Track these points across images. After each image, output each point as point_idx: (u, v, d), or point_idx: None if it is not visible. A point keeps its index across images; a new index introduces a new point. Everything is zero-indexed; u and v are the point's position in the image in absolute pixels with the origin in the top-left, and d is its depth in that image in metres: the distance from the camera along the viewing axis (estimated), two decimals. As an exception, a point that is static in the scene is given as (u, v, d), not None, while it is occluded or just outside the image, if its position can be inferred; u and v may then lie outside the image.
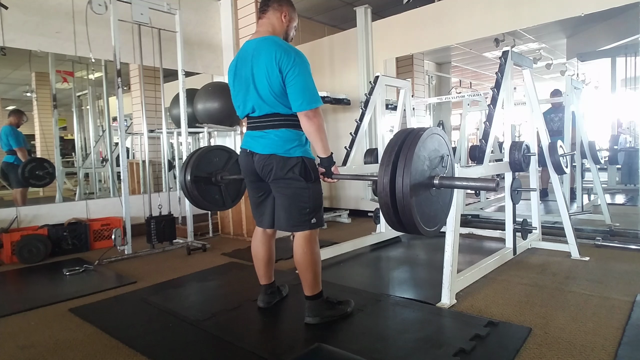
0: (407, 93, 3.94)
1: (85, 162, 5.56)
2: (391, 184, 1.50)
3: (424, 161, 1.58)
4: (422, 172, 1.56)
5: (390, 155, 1.54)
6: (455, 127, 9.46)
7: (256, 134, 1.96)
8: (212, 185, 2.53)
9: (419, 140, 1.53)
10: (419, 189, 1.53)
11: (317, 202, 1.97)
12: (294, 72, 1.80)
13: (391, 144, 1.58)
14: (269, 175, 1.94)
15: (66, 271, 3.03)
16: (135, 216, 4.03)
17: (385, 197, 1.53)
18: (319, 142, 1.88)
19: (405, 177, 1.47)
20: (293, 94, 1.82)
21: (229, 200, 2.62)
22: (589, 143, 4.34)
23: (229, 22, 5.02)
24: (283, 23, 1.99)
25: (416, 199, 1.52)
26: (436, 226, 1.68)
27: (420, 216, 1.55)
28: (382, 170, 1.54)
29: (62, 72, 5.06)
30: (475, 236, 3.82)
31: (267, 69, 1.83)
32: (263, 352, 1.74)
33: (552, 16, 3.92)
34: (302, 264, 1.96)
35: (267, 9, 1.98)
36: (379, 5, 5.87)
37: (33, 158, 4.92)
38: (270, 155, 1.91)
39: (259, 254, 2.18)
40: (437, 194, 1.65)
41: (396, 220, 1.56)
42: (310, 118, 1.83)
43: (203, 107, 4.53)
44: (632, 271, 2.67)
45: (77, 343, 1.91)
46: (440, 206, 1.71)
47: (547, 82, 9.81)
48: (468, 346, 1.69)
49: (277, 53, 1.81)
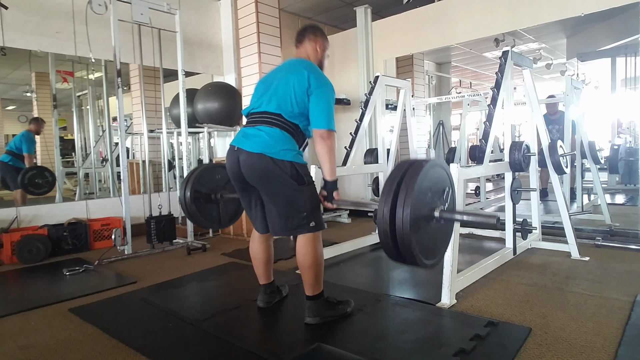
0: (407, 93, 3.94)
1: (85, 162, 5.56)
2: (391, 215, 1.49)
3: (426, 193, 1.56)
4: (423, 204, 1.55)
5: (391, 185, 1.53)
6: (455, 127, 9.46)
7: (249, 131, 1.94)
8: (211, 203, 2.52)
9: (422, 172, 1.52)
10: (419, 221, 1.52)
11: (314, 205, 1.94)
12: (321, 92, 1.91)
13: (393, 174, 1.57)
14: (256, 178, 1.89)
15: (66, 271, 3.03)
16: (135, 216, 4.03)
17: (385, 227, 1.51)
18: (328, 164, 1.92)
19: (405, 209, 1.46)
20: (315, 111, 1.90)
21: (226, 219, 2.61)
22: (589, 143, 4.34)
23: (229, 22, 5.02)
24: (318, 53, 2.14)
25: (416, 231, 1.51)
26: (435, 259, 1.66)
27: (420, 249, 1.53)
28: (383, 200, 1.52)
29: (62, 72, 5.06)
30: (475, 236, 3.82)
31: (297, 79, 1.92)
32: (263, 352, 1.74)
33: (552, 16, 3.92)
34: (304, 264, 1.95)
35: (303, 40, 2.13)
36: (379, 5, 5.87)
37: (35, 166, 4.94)
38: (259, 155, 1.86)
39: (257, 254, 2.18)
40: (437, 227, 1.64)
41: (395, 251, 1.54)
42: (324, 138, 1.90)
43: (203, 107, 4.54)
44: (632, 271, 2.67)
45: (77, 343, 1.91)
46: (440, 239, 1.70)
47: (547, 82, 9.82)
48: (468, 346, 1.69)
49: (311, 71, 1.95)
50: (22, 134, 4.97)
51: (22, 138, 4.94)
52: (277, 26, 4.46)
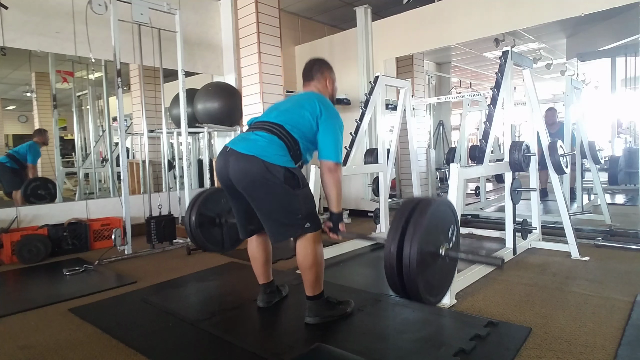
0: (407, 93, 3.95)
1: (85, 162, 5.56)
2: (398, 252, 1.53)
3: (433, 231, 1.60)
4: (430, 242, 1.59)
5: (399, 222, 1.57)
6: (455, 127, 9.46)
7: (245, 135, 1.94)
8: (215, 227, 2.56)
9: (430, 210, 1.56)
10: (425, 258, 1.55)
11: (308, 207, 1.92)
12: (332, 124, 1.94)
13: (401, 211, 1.60)
14: (247, 184, 1.85)
15: (66, 271, 3.03)
16: (135, 216, 4.03)
17: (392, 263, 1.56)
18: (334, 197, 1.94)
19: (413, 247, 1.50)
20: (325, 142, 1.94)
21: (229, 243, 2.63)
22: (589, 143, 4.34)
23: (229, 22, 5.02)
24: (328, 88, 2.17)
25: (423, 270, 1.54)
26: (438, 296, 1.69)
27: (425, 286, 1.57)
28: (391, 236, 1.56)
29: (62, 72, 5.06)
30: (475, 236, 3.82)
31: (309, 104, 1.95)
32: (263, 352, 1.74)
33: (552, 16, 3.92)
34: (304, 265, 1.95)
35: (312, 80, 2.15)
36: (379, 5, 5.87)
37: (38, 177, 4.97)
38: (251, 157, 1.82)
39: (255, 254, 2.19)
40: (441, 264, 1.67)
41: (400, 287, 1.58)
42: (332, 171, 1.92)
43: (203, 107, 4.54)
44: (632, 271, 2.67)
45: (77, 343, 1.91)
46: (444, 276, 1.73)
47: (547, 82, 9.82)
48: (468, 346, 1.69)
49: (323, 103, 1.98)
50: (30, 144, 5.00)
51: (28, 148, 4.98)
52: (277, 26, 4.46)
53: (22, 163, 4.93)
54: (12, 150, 5.10)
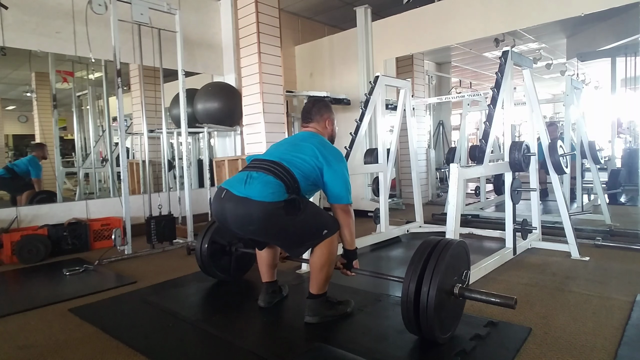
0: (407, 93, 3.94)
1: (85, 162, 5.56)
2: (416, 293, 1.58)
3: (448, 273, 1.64)
4: (445, 283, 1.64)
5: (418, 263, 1.62)
6: (455, 127, 9.46)
7: (242, 176, 1.89)
8: (225, 255, 2.61)
9: (448, 253, 1.62)
10: (440, 299, 1.60)
11: (317, 219, 1.95)
12: (338, 167, 1.98)
13: (419, 252, 1.66)
14: (249, 227, 1.84)
15: (66, 271, 3.03)
16: (135, 216, 4.03)
17: (409, 304, 1.60)
18: (348, 235, 1.99)
19: (432, 288, 1.55)
20: (335, 185, 1.96)
21: (236, 272, 2.70)
22: (589, 143, 4.34)
23: (229, 22, 5.02)
24: (327, 129, 2.20)
25: (438, 309, 1.58)
26: (448, 333, 1.73)
27: (439, 326, 1.62)
28: (410, 275, 1.61)
29: (62, 72, 5.06)
30: (475, 236, 3.82)
31: (309, 151, 1.96)
32: (263, 352, 1.74)
33: (552, 16, 3.92)
34: (317, 263, 1.95)
35: (311, 121, 2.17)
36: (379, 5, 5.87)
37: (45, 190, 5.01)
38: (247, 200, 1.78)
39: (262, 255, 2.21)
40: (454, 303, 1.72)
41: (416, 325, 1.63)
42: (346, 212, 1.98)
43: (203, 107, 4.54)
44: (632, 271, 2.67)
45: (77, 343, 1.91)
46: (455, 314, 1.78)
47: (547, 82, 9.82)
48: (468, 346, 1.69)
49: (324, 146, 2.01)
50: (29, 158, 5.07)
51: (28, 163, 5.04)
52: (277, 26, 4.46)
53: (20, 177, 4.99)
54: (11, 164, 5.19)
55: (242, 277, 2.75)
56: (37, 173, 5.02)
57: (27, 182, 4.94)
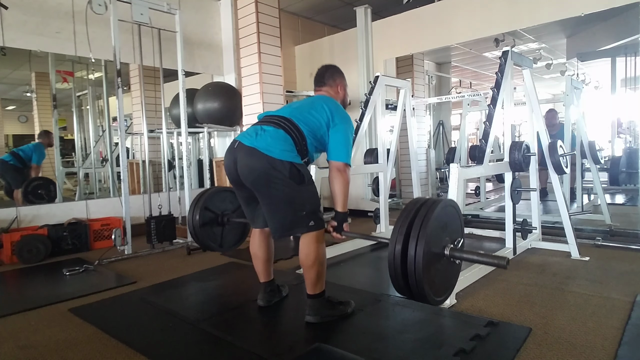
0: (407, 93, 3.95)
1: (85, 162, 5.56)
2: (403, 252, 1.52)
3: (438, 232, 1.59)
4: (434, 242, 1.59)
5: (404, 222, 1.56)
6: (455, 127, 9.46)
7: (256, 128, 1.94)
8: (217, 225, 2.59)
9: (435, 211, 1.55)
10: (429, 259, 1.55)
11: (313, 205, 1.94)
12: (343, 127, 1.97)
13: (406, 211, 1.60)
14: (254, 180, 1.87)
15: (66, 271, 3.03)
16: (135, 216, 4.03)
17: (396, 265, 1.55)
18: (341, 197, 1.96)
19: (419, 247, 1.49)
20: (335, 143, 1.96)
21: (227, 244, 2.68)
22: (589, 143, 4.34)
23: (229, 22, 5.02)
24: (339, 93, 2.22)
25: (427, 270, 1.53)
26: (442, 296, 1.69)
27: (429, 285, 1.56)
28: (395, 236, 1.56)
29: (62, 72, 5.06)
30: (475, 236, 3.82)
31: (322, 105, 1.99)
32: (263, 352, 1.74)
33: (552, 16, 3.92)
34: (306, 263, 1.95)
35: (324, 85, 2.19)
36: (379, 5, 5.87)
37: (41, 177, 4.98)
38: (256, 151, 1.83)
39: (257, 253, 2.19)
40: (446, 264, 1.67)
41: (405, 287, 1.58)
42: (340, 171, 1.94)
43: (203, 107, 4.54)
44: (632, 271, 2.67)
45: (77, 343, 1.91)
46: (448, 276, 1.73)
47: (547, 82, 9.82)
48: (468, 346, 1.69)
49: (334, 106, 2.03)
50: (35, 144, 5.03)
51: (34, 148, 4.99)
52: (277, 26, 4.46)
53: (26, 162, 4.93)
54: (17, 149, 5.09)
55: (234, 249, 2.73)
56: (39, 159, 4.98)
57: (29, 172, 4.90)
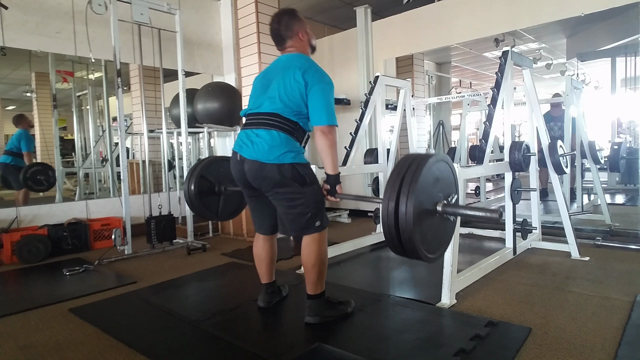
0: (407, 93, 3.94)
1: (85, 162, 5.56)
2: (395, 209, 1.50)
3: (429, 187, 1.57)
4: (426, 198, 1.56)
5: (395, 179, 1.53)
6: (455, 127, 9.46)
7: (249, 134, 1.93)
8: (214, 195, 2.56)
9: (425, 166, 1.52)
10: (422, 215, 1.54)
11: (317, 206, 1.95)
12: (319, 88, 1.88)
13: (397, 168, 1.57)
14: (263, 186, 1.92)
15: (66, 271, 3.03)
16: (135, 216, 4.03)
17: (390, 222, 1.53)
18: (329, 158, 1.91)
19: (409, 204, 1.47)
20: (314, 108, 1.88)
21: (225, 213, 2.64)
22: (589, 143, 4.34)
23: (229, 22, 5.02)
24: (304, 41, 2.05)
25: (419, 226, 1.52)
26: (436, 253, 1.67)
27: (423, 243, 1.55)
28: (387, 195, 1.53)
29: (62, 72, 5.06)
30: (475, 236, 3.82)
31: (293, 76, 1.89)
32: (263, 352, 1.74)
33: (552, 16, 3.92)
34: (308, 263, 1.95)
35: (285, 45, 2.04)
36: (379, 5, 5.87)
37: (39, 162, 4.95)
38: (260, 164, 1.87)
39: (260, 253, 2.19)
40: (439, 221, 1.65)
41: (399, 245, 1.56)
42: (325, 134, 1.88)
43: (203, 107, 4.54)
44: (632, 271, 2.67)
45: (77, 343, 1.91)
46: (442, 233, 1.71)
47: (547, 82, 9.81)
48: (468, 346, 1.69)
49: (306, 67, 1.91)
50: (19, 132, 4.96)
51: (19, 137, 4.93)
52: (277, 26, 4.46)
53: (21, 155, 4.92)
54: (8, 147, 5.05)
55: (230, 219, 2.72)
56: (28, 145, 4.94)
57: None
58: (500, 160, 3.03)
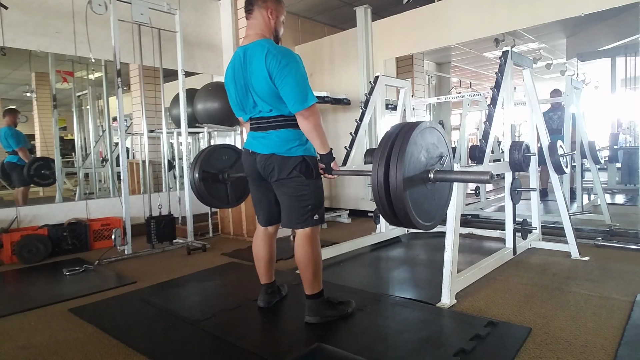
0: (407, 93, 3.94)
1: (85, 162, 5.56)
2: (385, 177, 1.50)
3: (420, 155, 1.56)
4: (417, 165, 1.55)
5: (384, 147, 1.53)
6: (455, 127, 9.46)
7: (258, 135, 1.97)
8: (219, 183, 2.58)
9: (413, 133, 1.51)
10: (413, 182, 1.53)
11: (318, 199, 1.98)
12: (282, 74, 1.79)
13: (386, 137, 1.57)
14: (271, 176, 1.96)
15: (66, 271, 3.03)
16: (135, 216, 4.03)
17: (380, 190, 1.52)
18: (317, 139, 1.90)
19: (398, 170, 1.46)
20: (285, 96, 1.83)
21: (234, 199, 2.67)
22: (589, 143, 4.34)
23: (228, 22, 5.02)
24: (270, 20, 1.94)
25: (411, 193, 1.51)
26: (432, 221, 1.66)
27: (416, 210, 1.54)
28: (377, 163, 1.53)
29: (62, 72, 5.05)
30: (475, 236, 3.82)
31: (261, 74, 1.83)
32: (263, 352, 1.74)
33: (552, 16, 3.92)
34: (302, 262, 1.96)
35: (252, 8, 1.94)
36: (379, 5, 5.86)
37: (40, 157, 4.94)
38: (271, 155, 1.92)
39: (260, 253, 2.19)
40: (433, 189, 1.64)
41: (391, 213, 1.55)
42: (305, 117, 1.84)
43: (203, 107, 4.53)
44: (632, 271, 2.67)
45: (77, 343, 1.91)
46: (437, 202, 1.70)
47: (547, 82, 9.80)
48: (468, 346, 1.69)
49: (267, 58, 1.80)
50: (4, 130, 4.86)
51: (5, 135, 4.85)
52: (277, 26, 4.46)
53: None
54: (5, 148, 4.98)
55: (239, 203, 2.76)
56: (18, 141, 4.85)
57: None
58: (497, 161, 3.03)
